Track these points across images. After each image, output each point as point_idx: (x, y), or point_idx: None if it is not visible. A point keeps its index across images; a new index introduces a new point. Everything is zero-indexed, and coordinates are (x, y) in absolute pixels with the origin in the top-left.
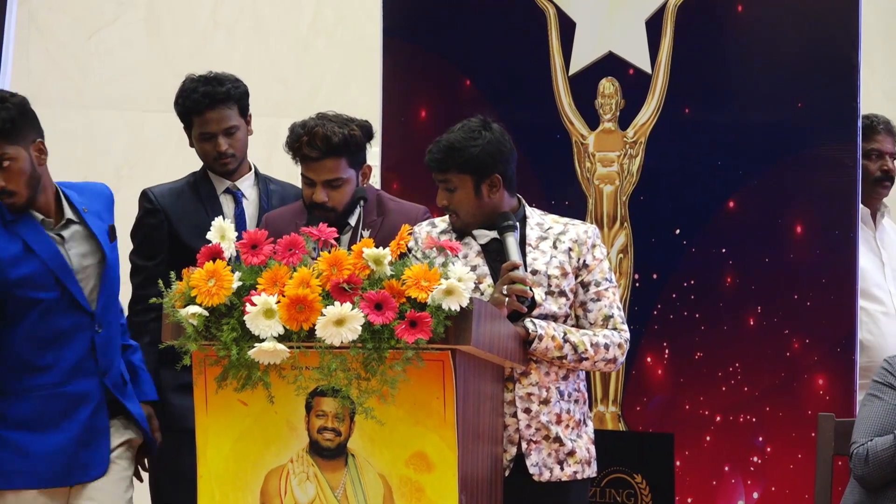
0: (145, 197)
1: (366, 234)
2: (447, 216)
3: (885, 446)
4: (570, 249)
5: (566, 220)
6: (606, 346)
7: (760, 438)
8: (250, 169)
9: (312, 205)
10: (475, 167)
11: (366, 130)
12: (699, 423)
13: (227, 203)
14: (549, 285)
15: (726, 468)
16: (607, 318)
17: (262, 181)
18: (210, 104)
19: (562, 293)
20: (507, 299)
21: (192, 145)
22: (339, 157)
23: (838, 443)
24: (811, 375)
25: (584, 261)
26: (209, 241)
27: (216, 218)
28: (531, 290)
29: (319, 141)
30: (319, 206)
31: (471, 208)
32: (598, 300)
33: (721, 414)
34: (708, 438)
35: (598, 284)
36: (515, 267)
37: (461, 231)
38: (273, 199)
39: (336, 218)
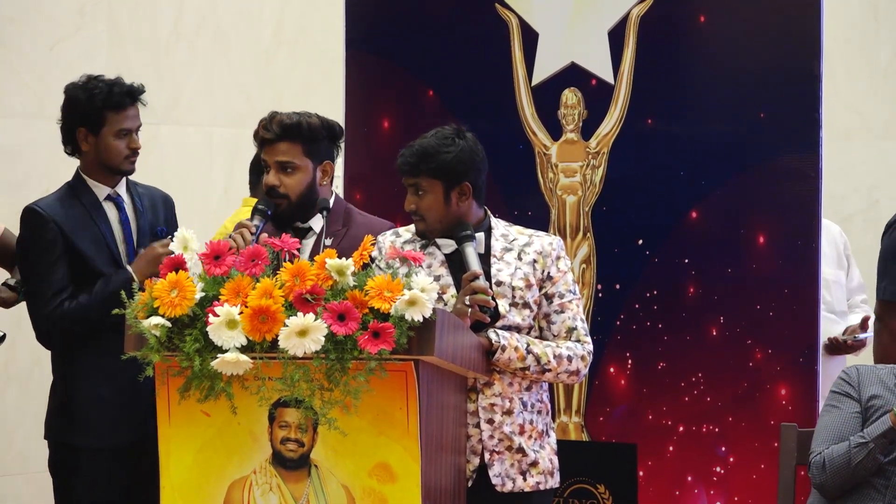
0: (33, 213)
1: (328, 242)
2: (411, 226)
3: (840, 453)
4: (535, 261)
5: (531, 231)
6: (569, 358)
7: (723, 448)
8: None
9: (267, 190)
10: (447, 173)
11: (328, 126)
12: (662, 434)
13: (110, 210)
14: (514, 296)
15: (689, 478)
16: (571, 330)
17: (132, 185)
18: (132, 101)
19: (526, 305)
20: (469, 310)
21: (70, 147)
22: (294, 141)
23: (801, 453)
24: (774, 385)
25: (549, 273)
26: (101, 250)
27: (179, 229)
28: (493, 299)
29: (275, 123)
30: (271, 190)
31: (438, 214)
32: (562, 312)
33: (684, 424)
34: (671, 448)
35: (561, 296)
36: (476, 277)
37: (424, 236)
38: (144, 201)
39: (288, 209)
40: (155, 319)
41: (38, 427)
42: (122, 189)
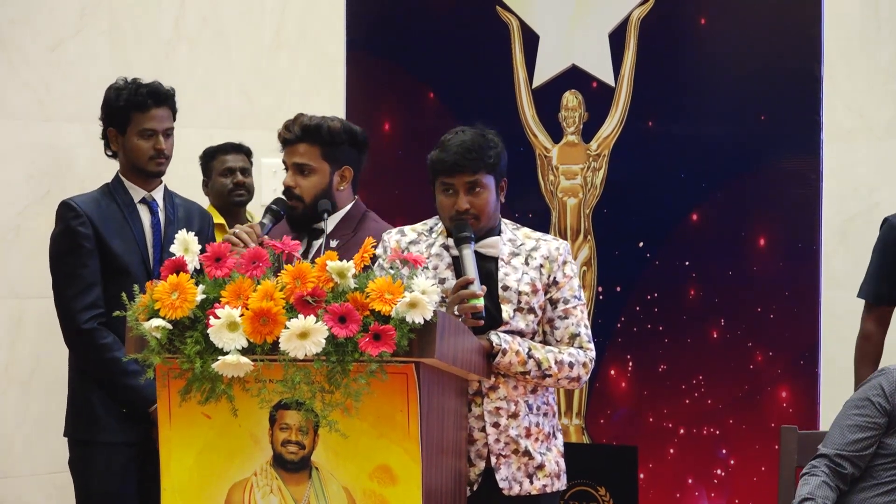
0: (68, 207)
1: (334, 244)
2: (416, 225)
3: (801, 494)
4: (542, 266)
5: (538, 235)
6: (571, 365)
7: (724, 451)
8: (162, 181)
9: (284, 191)
10: (498, 168)
11: (350, 131)
12: (663, 436)
13: (144, 213)
14: (519, 301)
15: (690, 480)
16: (574, 336)
17: (169, 195)
18: (156, 102)
19: (531, 310)
20: (461, 318)
21: (109, 149)
22: (313, 144)
23: (801, 455)
24: (774, 388)
25: (555, 278)
26: (132, 249)
27: (179, 231)
28: (498, 304)
29: (297, 125)
30: (287, 191)
31: (490, 212)
32: (566, 318)
33: (684, 426)
34: (671, 451)
35: (566, 302)
36: (469, 283)
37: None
38: (178, 212)
39: (304, 211)
40: (156, 321)
41: (38, 429)
42: (158, 195)
